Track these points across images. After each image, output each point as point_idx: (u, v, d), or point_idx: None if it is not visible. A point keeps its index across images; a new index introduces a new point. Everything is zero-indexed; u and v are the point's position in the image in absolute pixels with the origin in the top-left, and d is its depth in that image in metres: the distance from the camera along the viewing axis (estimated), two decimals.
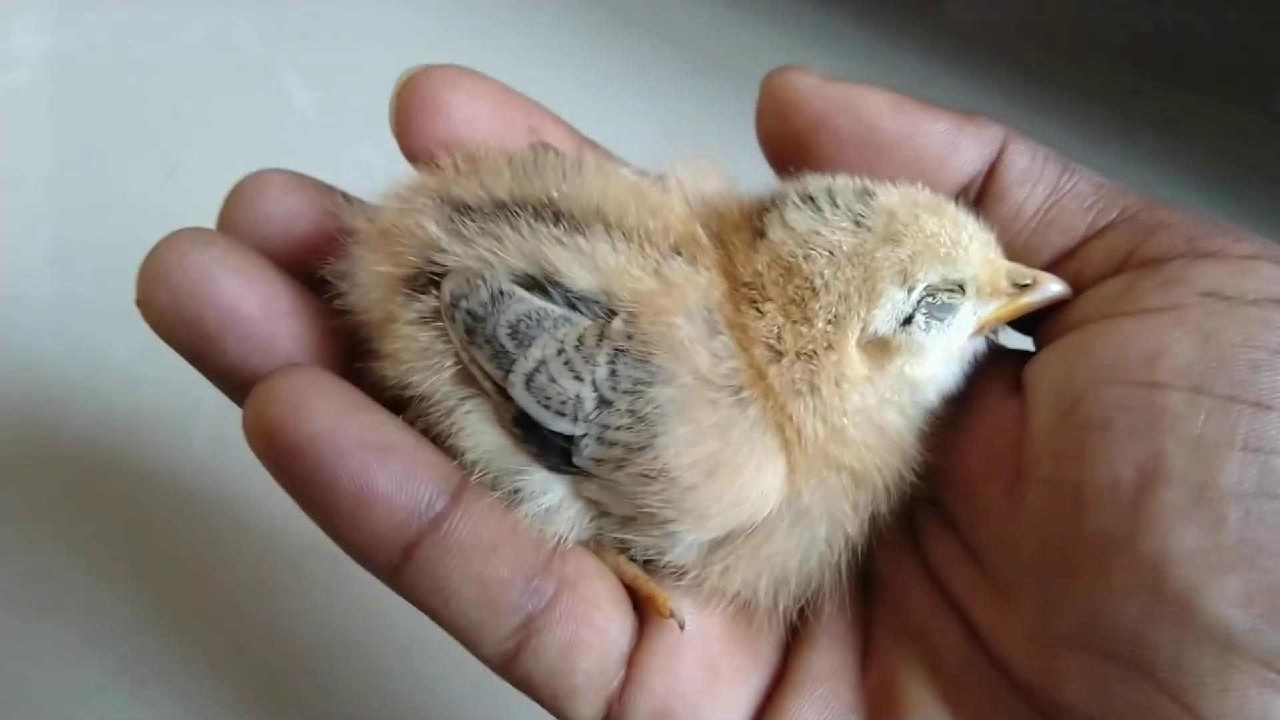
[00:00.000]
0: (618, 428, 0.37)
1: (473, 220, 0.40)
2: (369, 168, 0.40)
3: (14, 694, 0.67)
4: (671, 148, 0.44)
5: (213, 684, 0.70)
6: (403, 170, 0.43)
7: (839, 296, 0.39)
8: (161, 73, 0.82)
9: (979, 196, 0.42)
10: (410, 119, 0.42)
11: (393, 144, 0.44)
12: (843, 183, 0.41)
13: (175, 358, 0.37)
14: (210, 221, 0.42)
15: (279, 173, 0.42)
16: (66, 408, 0.76)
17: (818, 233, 0.39)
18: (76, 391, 0.76)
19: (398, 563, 0.38)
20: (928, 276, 0.39)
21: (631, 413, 0.37)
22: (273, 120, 0.85)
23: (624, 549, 0.41)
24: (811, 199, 0.40)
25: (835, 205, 0.40)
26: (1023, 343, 0.43)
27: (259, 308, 0.39)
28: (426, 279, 0.39)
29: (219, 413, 0.36)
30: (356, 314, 0.41)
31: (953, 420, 0.42)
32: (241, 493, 0.73)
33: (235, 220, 0.41)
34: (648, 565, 0.41)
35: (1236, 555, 0.32)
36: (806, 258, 0.39)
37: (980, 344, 0.42)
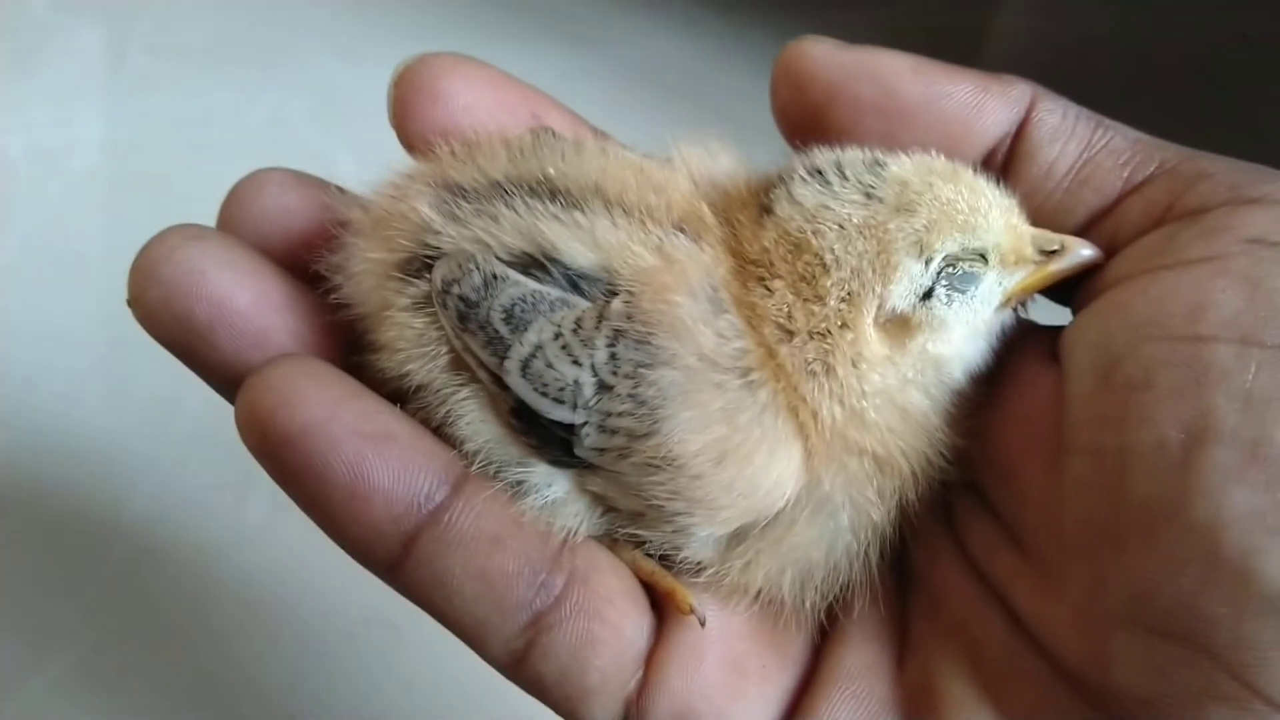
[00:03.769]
0: (619, 414, 0.36)
1: (468, 201, 0.39)
2: None
3: None
4: (684, 135, 0.43)
5: None
6: (400, 160, 0.42)
7: (851, 272, 0.37)
8: (215, 155, 0.83)
9: (1007, 158, 0.40)
10: (408, 108, 0.41)
11: None
12: (852, 155, 0.39)
13: (229, 437, 0.36)
14: None
15: (277, 171, 0.42)
16: (125, 487, 0.77)
17: (826, 206, 0.38)
18: (136, 469, 0.78)
19: (397, 557, 0.36)
20: (946, 246, 0.38)
21: (633, 397, 0.36)
22: None
23: (638, 544, 0.39)
24: (819, 172, 0.38)
25: (844, 178, 0.38)
26: (1060, 316, 0.41)
27: (250, 302, 0.38)
28: (421, 263, 0.38)
29: (273, 486, 0.36)
30: (352, 306, 0.40)
31: (984, 401, 0.39)
32: (297, 563, 0.73)
33: (233, 219, 0.41)
34: (664, 561, 0.40)
35: None
36: (815, 232, 0.37)
37: (1008, 317, 0.40)
